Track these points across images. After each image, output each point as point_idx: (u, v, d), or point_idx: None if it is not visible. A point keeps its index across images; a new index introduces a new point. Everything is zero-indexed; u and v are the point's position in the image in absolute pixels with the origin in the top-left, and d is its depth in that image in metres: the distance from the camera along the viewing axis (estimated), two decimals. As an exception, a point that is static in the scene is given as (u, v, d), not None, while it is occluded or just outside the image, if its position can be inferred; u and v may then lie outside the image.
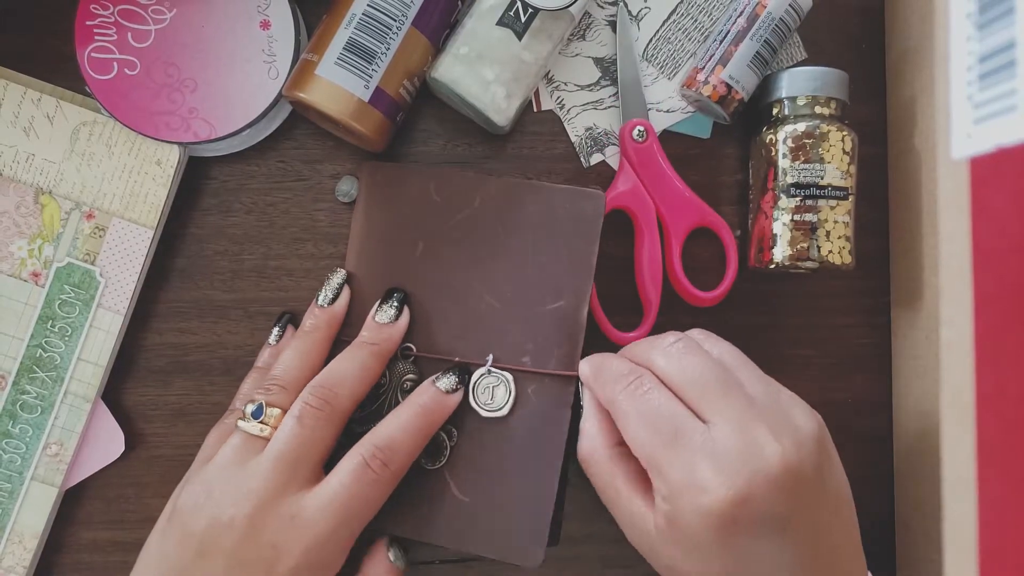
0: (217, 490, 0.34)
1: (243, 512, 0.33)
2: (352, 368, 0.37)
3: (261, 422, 0.35)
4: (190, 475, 0.37)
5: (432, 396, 0.37)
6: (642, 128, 0.43)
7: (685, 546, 0.32)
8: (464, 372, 0.38)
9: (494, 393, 0.38)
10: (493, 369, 0.38)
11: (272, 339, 0.42)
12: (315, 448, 0.35)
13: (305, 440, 0.34)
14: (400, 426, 0.36)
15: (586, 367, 0.37)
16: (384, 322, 0.38)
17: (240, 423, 0.36)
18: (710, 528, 0.31)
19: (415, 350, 0.40)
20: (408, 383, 0.39)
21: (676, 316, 0.44)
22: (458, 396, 0.38)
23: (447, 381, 0.37)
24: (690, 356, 0.34)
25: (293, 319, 0.43)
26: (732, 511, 0.31)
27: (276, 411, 0.36)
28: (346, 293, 0.40)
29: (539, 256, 0.39)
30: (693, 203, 0.43)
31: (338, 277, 0.40)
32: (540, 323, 0.39)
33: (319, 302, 0.40)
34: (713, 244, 0.44)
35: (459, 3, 0.42)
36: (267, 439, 0.35)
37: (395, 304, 0.39)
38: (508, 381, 0.38)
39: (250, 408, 0.36)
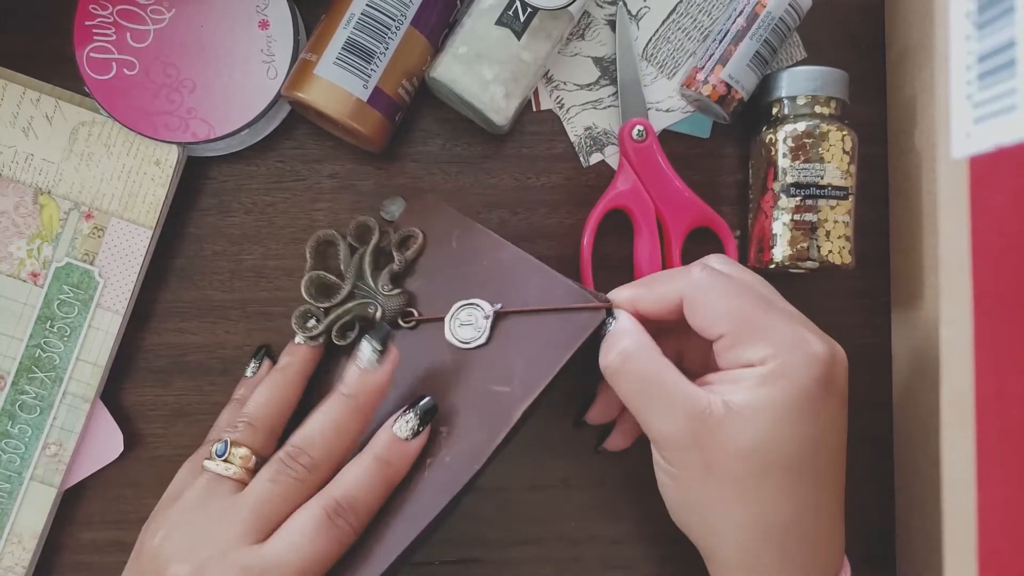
0: (178, 533, 0.33)
1: (202, 558, 0.32)
2: (330, 428, 0.34)
3: (226, 460, 0.34)
4: (157, 511, 0.36)
5: (393, 447, 0.34)
6: (642, 128, 0.43)
7: (777, 412, 0.32)
8: (428, 414, 0.35)
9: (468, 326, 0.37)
10: (479, 303, 0.37)
11: (248, 372, 0.42)
12: (286, 506, 0.33)
13: (276, 498, 0.33)
14: (363, 483, 0.33)
15: (646, 302, 0.36)
16: (366, 368, 0.34)
17: (206, 462, 0.35)
18: (818, 381, 0.32)
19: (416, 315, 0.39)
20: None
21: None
22: (419, 443, 0.34)
23: (405, 426, 0.34)
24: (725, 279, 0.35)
25: (272, 352, 0.43)
26: (831, 369, 0.33)
27: (243, 450, 0.35)
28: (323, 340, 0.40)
29: (514, 336, 0.36)
30: (693, 203, 0.43)
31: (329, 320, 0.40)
32: (476, 400, 0.35)
33: (296, 340, 0.40)
34: (713, 244, 0.44)
35: (458, 3, 0.42)
36: (232, 479, 0.34)
37: (380, 348, 0.34)
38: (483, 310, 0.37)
39: (217, 447, 0.35)
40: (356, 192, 0.44)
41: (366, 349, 0.35)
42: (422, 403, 0.35)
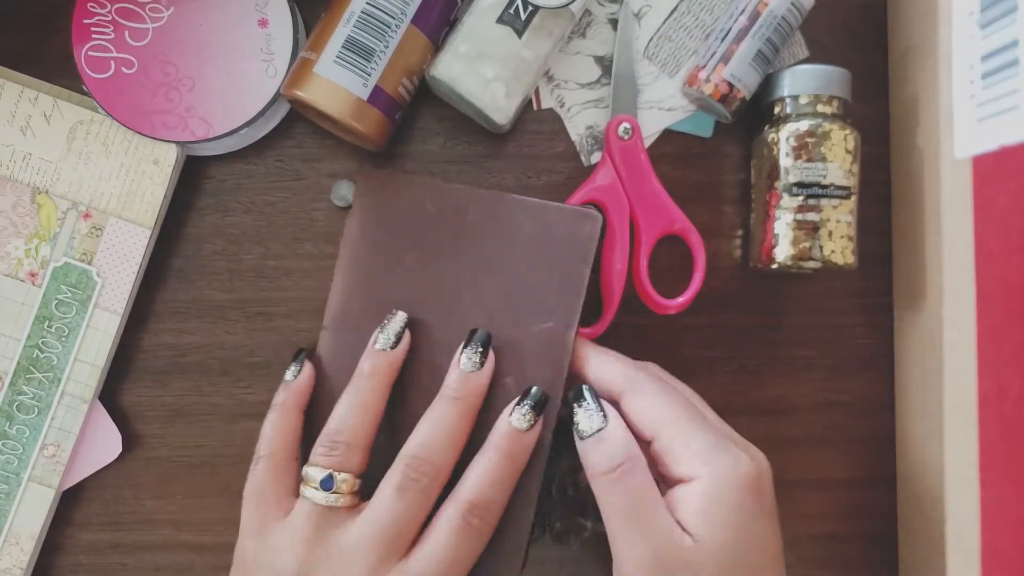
0: (309, 567, 0.33)
1: None
2: (443, 433, 0.35)
3: (334, 492, 0.34)
4: (253, 536, 0.35)
5: (514, 440, 0.35)
6: (628, 125, 0.43)
7: (728, 536, 0.32)
8: (540, 404, 0.35)
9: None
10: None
11: (288, 376, 0.39)
12: (415, 520, 0.34)
13: (405, 515, 0.33)
14: (491, 479, 0.34)
15: (594, 363, 0.37)
16: (470, 371, 0.36)
17: (309, 492, 0.34)
18: (752, 496, 0.33)
19: None
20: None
21: (672, 317, 0.44)
22: (537, 432, 0.35)
23: (523, 419, 0.35)
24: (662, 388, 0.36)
25: (310, 355, 0.41)
26: (759, 482, 0.33)
27: (346, 476, 0.34)
28: (407, 338, 0.37)
29: (531, 275, 0.38)
30: (667, 208, 0.42)
31: (399, 321, 0.37)
32: (527, 344, 0.38)
33: (378, 346, 0.37)
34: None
35: (458, 1, 0.41)
36: (344, 508, 0.34)
37: (480, 349, 0.36)
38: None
39: (318, 475, 0.34)
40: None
41: (469, 354, 0.36)
42: (533, 392, 0.36)
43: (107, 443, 0.43)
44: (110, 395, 0.43)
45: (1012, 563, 0.34)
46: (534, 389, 0.36)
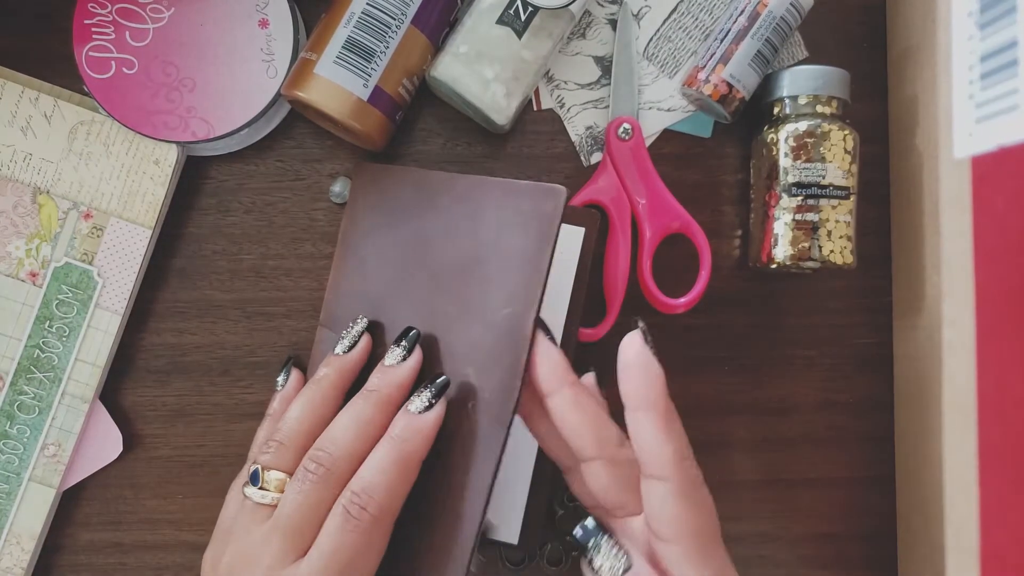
0: (228, 567, 0.33)
1: None
2: (351, 424, 0.34)
3: (261, 487, 0.33)
4: (211, 544, 0.35)
5: (405, 424, 0.33)
6: (628, 126, 0.43)
7: None
8: (441, 387, 0.34)
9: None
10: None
11: (279, 385, 0.40)
12: (315, 514, 0.32)
13: (305, 506, 0.32)
14: (375, 466, 0.33)
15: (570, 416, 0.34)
16: (390, 364, 0.35)
17: (244, 489, 0.34)
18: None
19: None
20: None
21: (672, 317, 0.44)
22: (435, 415, 0.34)
23: (419, 401, 0.34)
24: None
25: (299, 361, 0.42)
26: None
27: (276, 474, 0.34)
28: (365, 342, 0.37)
29: (494, 258, 0.36)
30: (672, 207, 0.43)
31: (359, 326, 0.37)
32: (490, 332, 0.35)
33: (335, 351, 0.37)
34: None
35: (459, 1, 0.41)
36: (270, 505, 0.33)
37: (405, 345, 0.35)
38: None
39: (250, 473, 0.34)
40: (356, 192, 0.44)
41: (393, 349, 0.35)
42: (436, 379, 0.34)
43: (108, 443, 0.43)
44: (111, 395, 0.43)
45: (1011, 563, 0.34)
46: (439, 377, 0.34)
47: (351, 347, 0.37)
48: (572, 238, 0.41)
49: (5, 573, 0.41)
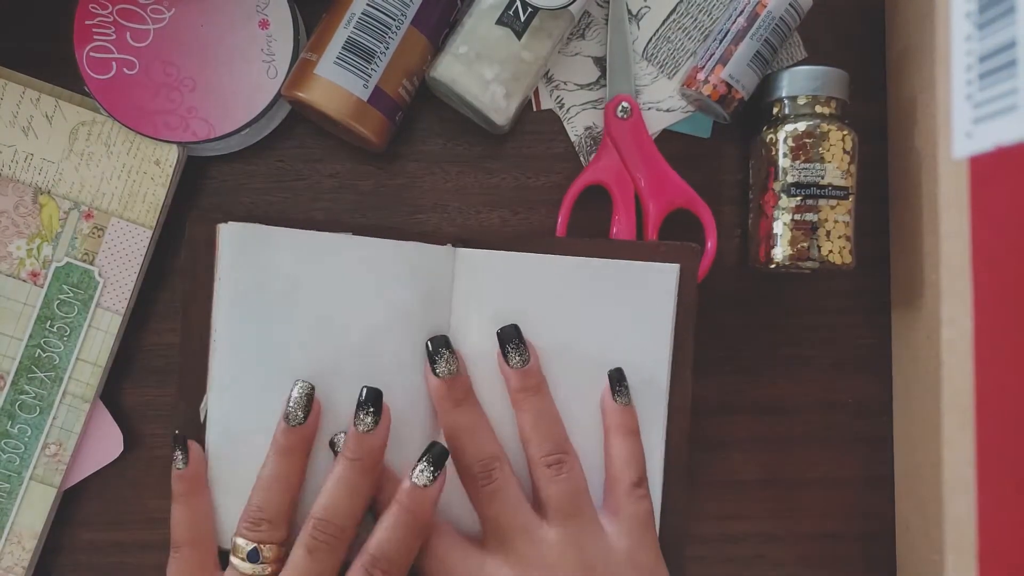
0: None
1: None
2: (345, 492, 0.36)
3: (260, 563, 0.36)
4: None
5: (413, 497, 0.36)
6: (627, 104, 0.43)
7: None
8: (439, 459, 0.36)
9: None
10: None
11: (179, 465, 0.38)
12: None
13: (316, 571, 0.35)
14: (393, 536, 0.35)
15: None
16: (364, 431, 0.36)
17: (236, 562, 0.36)
18: None
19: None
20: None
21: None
22: (439, 485, 0.36)
23: (422, 475, 0.36)
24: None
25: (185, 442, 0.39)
26: None
27: (271, 547, 0.36)
28: (316, 406, 0.38)
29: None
30: (674, 183, 0.43)
31: (303, 391, 0.37)
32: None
33: (291, 423, 0.37)
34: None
35: (458, 2, 0.42)
36: (269, 575, 0.36)
37: (371, 410, 0.36)
38: None
39: (245, 548, 0.36)
40: (357, 192, 0.44)
41: (361, 415, 0.36)
42: (434, 450, 0.36)
43: (109, 442, 0.43)
44: (112, 394, 0.43)
45: (1010, 562, 0.34)
46: (435, 446, 0.36)
47: (305, 416, 0.37)
48: (663, 277, 0.40)
49: (6, 572, 0.41)
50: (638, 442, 0.39)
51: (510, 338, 0.38)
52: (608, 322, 0.40)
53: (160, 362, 0.44)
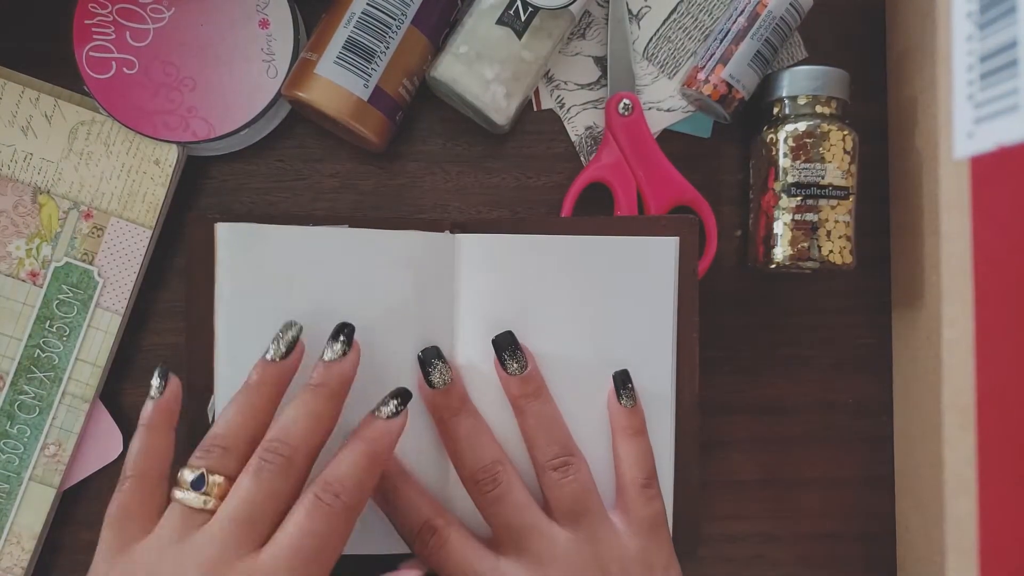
0: (159, 571, 0.31)
1: None
2: (303, 418, 0.33)
3: (203, 493, 0.32)
4: (114, 555, 0.32)
5: (375, 426, 0.34)
6: (628, 101, 0.43)
7: None
8: (405, 395, 0.35)
9: None
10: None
11: (154, 392, 0.35)
12: (272, 503, 0.32)
13: (261, 496, 0.31)
14: (347, 461, 0.33)
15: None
16: (331, 359, 0.35)
17: (178, 494, 0.32)
18: None
19: None
20: None
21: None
22: (401, 420, 0.35)
23: (387, 408, 0.35)
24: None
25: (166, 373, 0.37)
26: None
27: (219, 479, 0.32)
28: (300, 347, 0.36)
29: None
30: (676, 180, 0.43)
31: (293, 331, 0.36)
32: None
33: (268, 356, 0.35)
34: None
35: (459, 2, 0.42)
36: (211, 511, 0.31)
37: (342, 339, 0.35)
38: None
39: (189, 476, 0.32)
40: (357, 191, 0.44)
41: (332, 344, 0.35)
42: (399, 390, 0.35)
43: (108, 442, 0.43)
44: (111, 395, 0.43)
45: (1010, 562, 0.34)
46: (402, 388, 0.35)
47: (287, 353, 0.35)
48: (663, 251, 0.40)
49: (5, 573, 0.41)
50: (646, 441, 0.39)
51: (506, 345, 0.38)
52: (611, 298, 0.40)
53: (160, 362, 0.44)
